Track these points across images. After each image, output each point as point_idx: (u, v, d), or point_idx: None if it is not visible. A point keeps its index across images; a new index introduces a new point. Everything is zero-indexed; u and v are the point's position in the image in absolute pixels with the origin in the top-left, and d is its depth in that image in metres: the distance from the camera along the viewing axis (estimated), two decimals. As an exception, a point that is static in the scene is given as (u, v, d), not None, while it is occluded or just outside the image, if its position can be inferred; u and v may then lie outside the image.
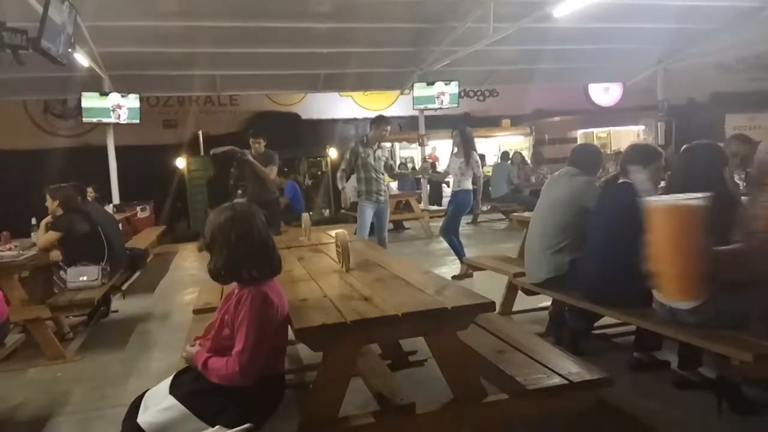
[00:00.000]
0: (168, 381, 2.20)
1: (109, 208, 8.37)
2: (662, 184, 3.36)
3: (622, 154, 3.60)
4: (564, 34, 9.14)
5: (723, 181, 2.79)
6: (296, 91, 13.59)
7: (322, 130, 14.62)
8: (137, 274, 7.08)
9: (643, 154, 3.38)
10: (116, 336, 4.88)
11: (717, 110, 13.87)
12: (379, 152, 5.85)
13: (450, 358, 2.30)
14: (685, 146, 3.20)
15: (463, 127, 6.55)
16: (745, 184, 3.97)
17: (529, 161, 12.23)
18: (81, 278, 4.65)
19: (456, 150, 6.49)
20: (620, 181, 3.43)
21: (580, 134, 14.54)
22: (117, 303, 5.82)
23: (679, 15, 8.83)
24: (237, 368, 1.99)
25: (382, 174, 5.88)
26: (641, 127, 14.36)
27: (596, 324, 3.82)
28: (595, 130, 14.75)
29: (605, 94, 15.63)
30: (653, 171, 3.30)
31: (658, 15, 8.84)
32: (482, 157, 11.46)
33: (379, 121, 5.81)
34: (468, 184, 6.34)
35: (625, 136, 14.43)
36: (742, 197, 3.12)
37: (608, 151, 12.33)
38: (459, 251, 6.47)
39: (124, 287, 6.25)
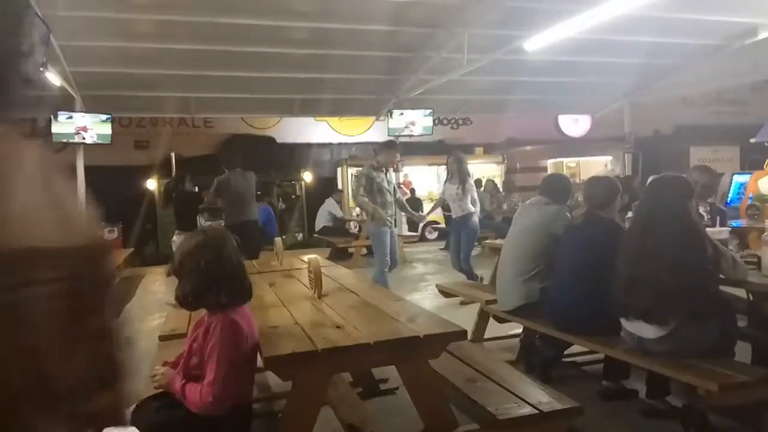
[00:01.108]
0: (128, 412, 2.13)
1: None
2: (629, 214, 3.44)
3: (583, 187, 3.67)
4: (535, 66, 9.37)
5: (688, 213, 2.86)
6: (272, 115, 13.59)
7: (297, 153, 14.62)
8: (103, 297, 6.89)
9: (601, 187, 3.47)
10: (79, 362, 4.71)
11: (681, 142, 14.32)
12: (390, 176, 5.87)
13: (421, 386, 2.29)
14: (651, 178, 3.29)
15: (458, 154, 6.64)
16: (709, 216, 4.09)
17: (501, 189, 12.40)
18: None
19: (451, 176, 6.50)
20: (587, 211, 3.51)
21: (550, 163, 14.81)
22: (81, 327, 5.64)
23: (646, 51, 9.15)
24: (210, 398, 1.95)
25: (393, 198, 5.87)
26: (609, 158, 14.70)
27: (566, 352, 3.85)
28: (565, 160, 15.05)
29: (575, 125, 16.01)
30: (613, 204, 3.41)
31: (626, 51, 9.14)
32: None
33: (391, 145, 5.92)
34: (471, 207, 6.35)
35: (594, 166, 14.75)
36: (707, 228, 3.21)
37: (577, 181, 12.57)
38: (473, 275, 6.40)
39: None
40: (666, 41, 8.84)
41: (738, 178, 7.96)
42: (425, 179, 13.75)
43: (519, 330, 4.25)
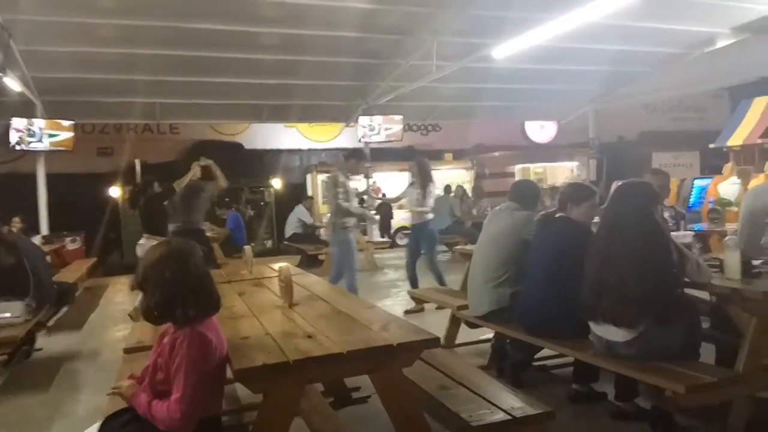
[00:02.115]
0: (95, 428, 2.07)
1: (37, 240, 7.94)
2: (596, 219, 3.50)
3: (560, 192, 3.73)
4: (503, 74, 9.52)
5: (653, 218, 2.92)
6: (240, 121, 13.45)
7: (266, 160, 14.49)
8: (65, 309, 6.70)
9: (578, 191, 3.53)
10: (40, 376, 4.56)
11: (644, 148, 14.68)
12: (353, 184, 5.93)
13: (394, 395, 2.27)
14: (617, 184, 3.35)
15: (421, 158, 6.65)
16: (673, 220, 4.18)
17: (470, 194, 12.51)
18: (4, 315, 4.35)
19: (413, 181, 6.48)
20: (558, 215, 3.56)
21: (518, 169, 15.01)
22: (41, 340, 5.46)
23: (611, 59, 9.38)
24: (178, 416, 1.89)
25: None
26: (575, 164, 14.99)
27: (536, 356, 3.88)
28: (532, 166, 15.27)
29: (541, 131, 16.26)
30: (588, 207, 3.45)
31: (591, 58, 9.36)
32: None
33: (361, 154, 6.09)
34: (429, 215, 6.37)
35: (560, 171, 15.01)
36: (671, 233, 3.29)
37: (544, 186, 12.76)
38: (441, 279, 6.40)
39: (49, 323, 5.88)
40: (629, 49, 9.09)
41: (699, 183, 8.19)
42: (395, 185, 13.76)
43: (490, 335, 4.27)
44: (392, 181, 13.76)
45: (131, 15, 7.08)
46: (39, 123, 9.19)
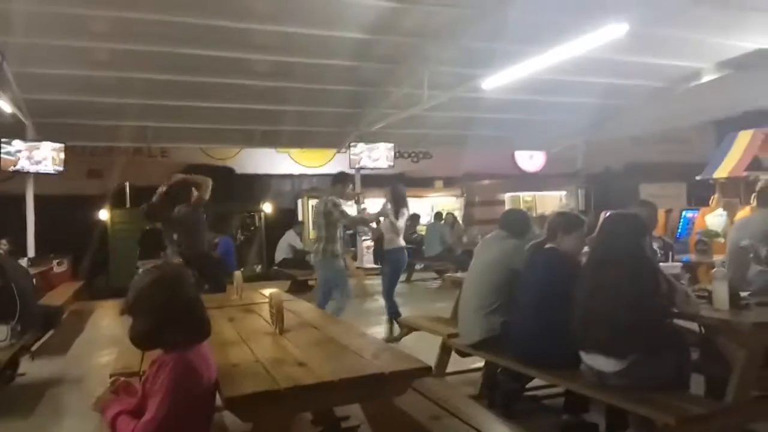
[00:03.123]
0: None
1: (23, 262, 7.83)
2: (585, 249, 3.53)
3: (549, 221, 3.77)
4: (493, 104, 9.68)
5: (642, 250, 2.96)
6: (231, 146, 13.47)
7: (256, 185, 14.48)
8: (50, 332, 6.59)
9: (568, 221, 3.57)
10: (22, 402, 4.46)
11: (631, 179, 14.86)
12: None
13: (385, 424, 2.26)
14: (606, 214, 3.39)
15: (395, 184, 6.63)
16: (662, 252, 4.23)
17: (461, 222, 12.56)
18: (-13, 338, 4.28)
19: (389, 206, 6.43)
20: (547, 246, 3.58)
21: (507, 197, 15.12)
22: (25, 365, 5.36)
23: (599, 92, 9.57)
24: None
25: None
26: (563, 193, 15.12)
27: (527, 385, 3.87)
28: (522, 194, 15.39)
29: (530, 160, 16.44)
30: (578, 237, 3.49)
31: (580, 91, 9.53)
32: (416, 216, 11.69)
33: (347, 178, 6.03)
34: (401, 242, 6.36)
35: (549, 200, 15.12)
36: (660, 264, 3.32)
37: (534, 214, 12.84)
38: (395, 311, 6.40)
39: (34, 347, 5.78)
40: (618, 82, 9.29)
41: (687, 214, 8.29)
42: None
43: (481, 364, 4.25)
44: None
45: (125, 39, 7.14)
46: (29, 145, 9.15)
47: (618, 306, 2.82)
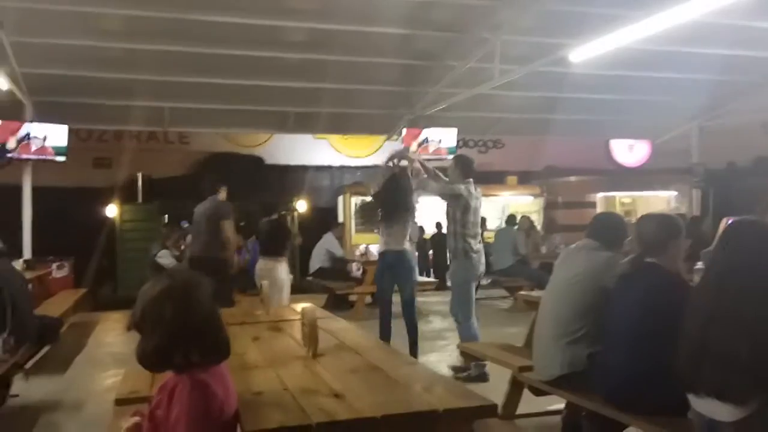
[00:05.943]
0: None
1: (18, 265, 8.21)
2: (698, 265, 3.43)
3: (637, 228, 3.67)
4: (583, 81, 9.50)
5: (774, 267, 2.85)
6: (261, 131, 13.74)
7: (289, 178, 14.73)
8: (47, 348, 6.88)
9: (670, 228, 3.47)
10: (14, 428, 4.69)
11: (762, 177, 14.33)
12: None
13: (439, 475, 2.25)
14: (728, 222, 3.29)
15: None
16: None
17: (539, 227, 12.41)
18: (-25, 353, 4.51)
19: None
20: (647, 260, 3.50)
21: (599, 198, 14.88)
22: (18, 385, 5.62)
23: (720, 66, 9.25)
24: None
25: None
26: (673, 194, 14.75)
27: (619, 435, 3.79)
28: (618, 195, 15.11)
29: (630, 152, 16.11)
30: (678, 246, 3.40)
31: (694, 65, 9.25)
32: (484, 220, 11.58)
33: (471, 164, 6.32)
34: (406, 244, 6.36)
35: (654, 202, 14.78)
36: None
37: (633, 221, 12.56)
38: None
39: (28, 365, 6.05)
40: (744, 54, 8.96)
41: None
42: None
43: (561, 405, 4.19)
44: (439, 206, 13.80)
45: (136, 4, 7.33)
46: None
47: (740, 338, 2.72)
